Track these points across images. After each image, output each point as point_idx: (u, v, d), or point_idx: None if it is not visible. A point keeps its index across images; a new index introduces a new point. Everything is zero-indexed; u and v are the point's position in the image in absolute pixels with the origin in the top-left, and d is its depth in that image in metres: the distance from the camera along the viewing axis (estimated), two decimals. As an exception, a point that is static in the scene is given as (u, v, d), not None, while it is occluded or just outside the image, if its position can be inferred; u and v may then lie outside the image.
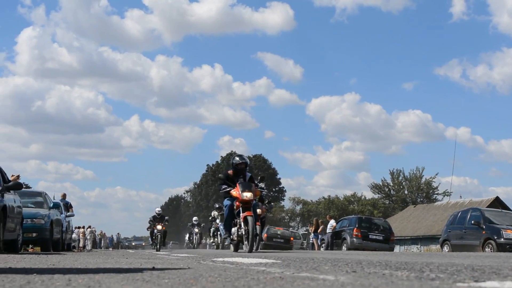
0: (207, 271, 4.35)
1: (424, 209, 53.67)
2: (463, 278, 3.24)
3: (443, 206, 51.39)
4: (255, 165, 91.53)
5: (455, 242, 20.85)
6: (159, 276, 3.85)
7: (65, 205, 22.37)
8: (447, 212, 41.31)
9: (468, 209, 22.74)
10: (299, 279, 3.42)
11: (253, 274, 3.95)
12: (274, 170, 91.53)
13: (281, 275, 3.75)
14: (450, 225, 22.12)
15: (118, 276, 3.87)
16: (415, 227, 49.28)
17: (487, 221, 19.77)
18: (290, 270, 4.26)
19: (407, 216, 53.74)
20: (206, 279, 3.60)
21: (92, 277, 3.82)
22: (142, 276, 3.89)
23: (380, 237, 26.66)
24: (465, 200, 49.63)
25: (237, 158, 14.46)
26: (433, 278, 3.30)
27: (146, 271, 4.51)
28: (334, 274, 3.72)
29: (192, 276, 3.87)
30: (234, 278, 3.62)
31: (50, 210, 16.92)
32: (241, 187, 13.54)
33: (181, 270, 4.55)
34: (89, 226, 46.43)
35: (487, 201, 45.10)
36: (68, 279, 3.64)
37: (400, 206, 67.63)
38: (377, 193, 73.32)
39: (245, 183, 13.85)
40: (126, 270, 4.71)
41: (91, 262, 6.63)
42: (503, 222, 19.92)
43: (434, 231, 43.74)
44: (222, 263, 5.84)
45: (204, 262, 6.24)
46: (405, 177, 70.99)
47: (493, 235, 18.98)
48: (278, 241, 34.81)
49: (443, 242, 22.05)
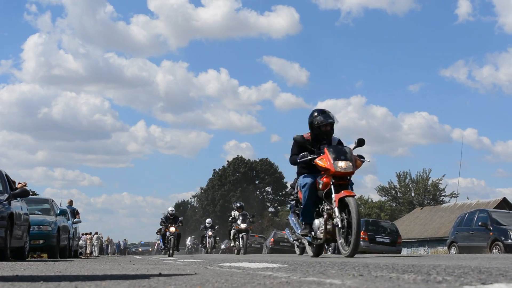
0: (214, 277, 4.34)
1: (431, 211, 53.59)
2: (470, 281, 3.23)
3: (450, 208, 51.31)
4: (262, 169, 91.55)
5: (462, 243, 20.80)
6: (165, 282, 3.84)
7: (72, 211, 22.41)
8: (454, 214, 41.25)
9: (475, 210, 22.70)
10: (306, 284, 3.42)
11: (260, 279, 3.95)
12: (281, 174, 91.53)
13: (287, 280, 3.75)
14: (457, 227, 22.07)
15: (125, 283, 3.87)
16: (422, 229, 49.21)
17: (495, 222, 19.73)
18: (297, 275, 4.26)
19: (414, 218, 53.67)
20: (212, 284, 3.60)
21: (99, 284, 3.82)
22: (148, 282, 3.89)
23: (387, 239, 26.64)
24: (472, 201, 49.54)
25: (321, 117, 9.74)
26: (440, 281, 3.30)
27: (152, 277, 4.51)
28: (341, 278, 3.71)
29: (199, 281, 3.86)
30: (240, 283, 3.62)
31: (57, 217, 16.95)
32: (332, 153, 9.17)
33: (188, 276, 4.55)
34: (96, 232, 46.52)
35: (494, 202, 45.03)
36: (75, 286, 3.65)
37: (407, 208, 67.57)
38: (384, 195, 73.26)
39: (339, 147, 9.49)
40: (132, 276, 4.72)
41: (98, 269, 6.63)
42: (510, 223, 19.86)
43: (441, 233, 43.67)
44: (229, 268, 5.84)
45: (211, 268, 6.23)
46: (412, 179, 70.92)
47: (500, 236, 18.93)
48: (285, 245, 34.75)
49: (451, 244, 22.00)
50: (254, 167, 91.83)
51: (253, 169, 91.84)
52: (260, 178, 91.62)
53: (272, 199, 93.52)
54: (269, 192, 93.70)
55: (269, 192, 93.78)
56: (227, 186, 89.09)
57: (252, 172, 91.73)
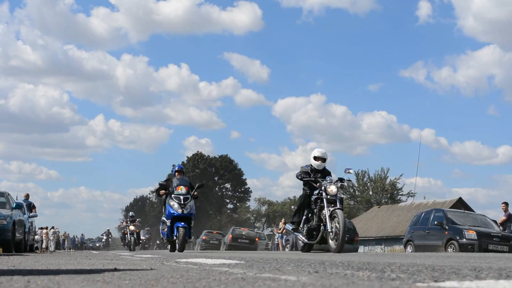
0: (170, 272, 4.33)
1: (388, 210, 54.11)
2: (423, 278, 3.27)
3: (407, 207, 51.85)
4: (221, 166, 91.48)
5: (418, 242, 21.04)
6: (120, 277, 3.82)
7: (28, 205, 22.10)
8: (411, 213, 41.70)
9: (432, 209, 22.98)
10: (261, 280, 3.42)
11: (216, 274, 3.94)
12: (240, 170, 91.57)
13: (243, 276, 3.75)
14: (414, 226, 22.31)
15: (79, 277, 3.84)
16: (379, 228, 49.66)
17: (450, 222, 19.99)
18: (253, 271, 4.26)
19: (371, 216, 54.13)
20: (167, 280, 3.59)
21: (52, 278, 3.78)
22: (103, 277, 3.86)
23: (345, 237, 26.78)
24: (428, 201, 50.13)
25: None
26: (394, 278, 3.33)
27: (107, 272, 4.47)
28: (296, 275, 3.73)
29: (154, 277, 3.85)
30: (195, 279, 3.61)
31: (12, 210, 16.71)
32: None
33: (143, 271, 4.53)
34: (53, 226, 45.97)
35: (450, 202, 45.63)
36: (27, 280, 3.60)
37: (365, 206, 68.12)
38: (342, 193, 73.69)
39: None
40: (87, 271, 4.67)
41: (53, 263, 6.56)
42: (465, 222, 20.16)
43: (398, 231, 44.10)
44: (185, 264, 5.82)
45: (167, 263, 6.21)
46: (370, 178, 71.54)
47: (455, 235, 19.20)
48: (243, 241, 34.81)
49: (407, 243, 22.24)
50: (214, 163, 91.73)
51: (213, 165, 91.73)
52: (220, 174, 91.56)
53: (231, 196, 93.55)
54: (228, 188, 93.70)
55: (228, 189, 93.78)
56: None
57: (211, 169, 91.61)
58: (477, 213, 24.88)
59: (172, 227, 15.88)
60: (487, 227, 20.16)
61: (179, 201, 15.82)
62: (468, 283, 2.95)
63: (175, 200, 15.83)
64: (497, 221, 21.22)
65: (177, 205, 15.73)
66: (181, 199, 15.83)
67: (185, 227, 15.66)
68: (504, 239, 19.35)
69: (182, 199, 15.83)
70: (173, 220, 15.83)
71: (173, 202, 15.80)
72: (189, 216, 15.93)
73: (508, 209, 21.43)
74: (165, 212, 16.21)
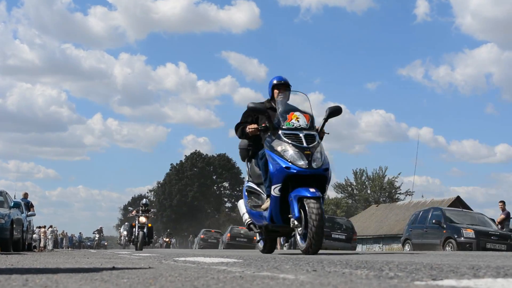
0: (168, 271, 4.33)
1: (387, 209, 54.15)
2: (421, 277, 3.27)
3: (405, 205, 51.88)
4: (219, 164, 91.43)
5: (416, 241, 21.06)
6: (118, 276, 3.82)
7: (26, 204, 22.08)
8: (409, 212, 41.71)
9: (430, 208, 23.01)
10: (259, 278, 3.42)
11: (214, 273, 3.94)
12: (238, 169, 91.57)
13: (241, 274, 3.75)
14: (412, 224, 22.34)
15: (77, 276, 3.83)
16: (377, 227, 49.69)
17: (448, 221, 20.02)
18: (251, 269, 4.26)
19: (369, 215, 54.16)
20: (165, 278, 3.59)
21: (51, 277, 3.78)
22: (101, 275, 3.86)
23: (343, 236, 26.85)
24: (426, 199, 50.16)
25: None
26: (392, 276, 3.33)
27: (106, 270, 4.47)
28: (295, 273, 3.73)
29: (152, 275, 3.84)
30: (194, 277, 3.61)
31: (10, 209, 16.69)
32: None
33: (142, 270, 4.53)
34: (51, 225, 46.02)
35: (448, 201, 45.66)
36: (26, 279, 3.60)
37: (363, 205, 68.22)
38: (340, 192, 73.84)
39: None
40: (85, 270, 4.67)
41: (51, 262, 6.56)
42: (463, 221, 20.20)
43: (396, 230, 44.14)
44: (183, 263, 5.82)
45: (165, 262, 6.21)
46: (368, 176, 71.64)
47: (453, 234, 19.22)
48: (241, 240, 34.84)
49: (405, 241, 22.27)
50: (212, 162, 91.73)
51: (211, 164, 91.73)
52: (218, 173, 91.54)
53: (229, 195, 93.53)
54: (226, 187, 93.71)
55: (226, 188, 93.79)
56: (185, 180, 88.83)
57: (209, 167, 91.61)
58: (475, 211, 24.94)
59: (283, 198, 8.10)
60: (485, 225, 20.20)
61: (299, 141, 8.16)
62: (466, 281, 2.95)
63: (287, 140, 8.15)
64: (496, 219, 21.27)
65: (296, 150, 8.03)
66: (301, 137, 8.20)
67: (318, 197, 7.71)
68: (502, 237, 19.38)
69: (303, 138, 8.21)
70: (287, 183, 8.03)
71: (284, 146, 8.08)
72: (323, 175, 8.12)
73: (505, 207, 21.47)
74: (263, 169, 8.68)
